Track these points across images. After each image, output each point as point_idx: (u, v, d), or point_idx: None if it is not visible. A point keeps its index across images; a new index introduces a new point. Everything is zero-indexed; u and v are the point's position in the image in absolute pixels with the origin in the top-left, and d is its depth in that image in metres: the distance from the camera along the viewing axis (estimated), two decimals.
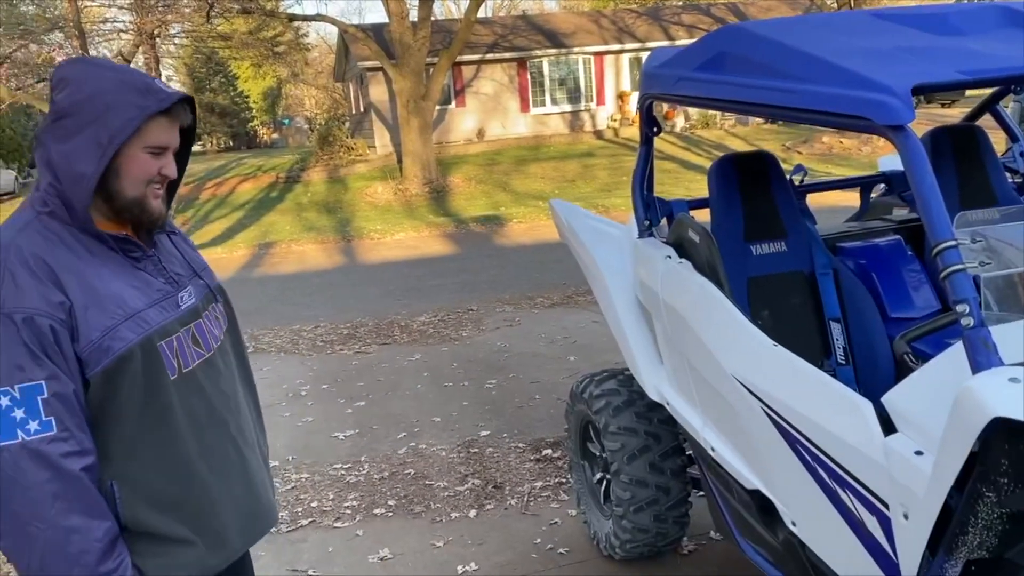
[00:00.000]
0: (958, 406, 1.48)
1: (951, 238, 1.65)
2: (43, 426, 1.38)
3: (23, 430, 1.36)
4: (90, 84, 1.50)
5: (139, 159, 1.53)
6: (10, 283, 1.41)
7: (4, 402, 1.36)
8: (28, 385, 1.37)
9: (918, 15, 2.38)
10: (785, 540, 2.26)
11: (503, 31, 24.89)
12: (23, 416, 1.36)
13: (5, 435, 1.35)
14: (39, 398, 1.38)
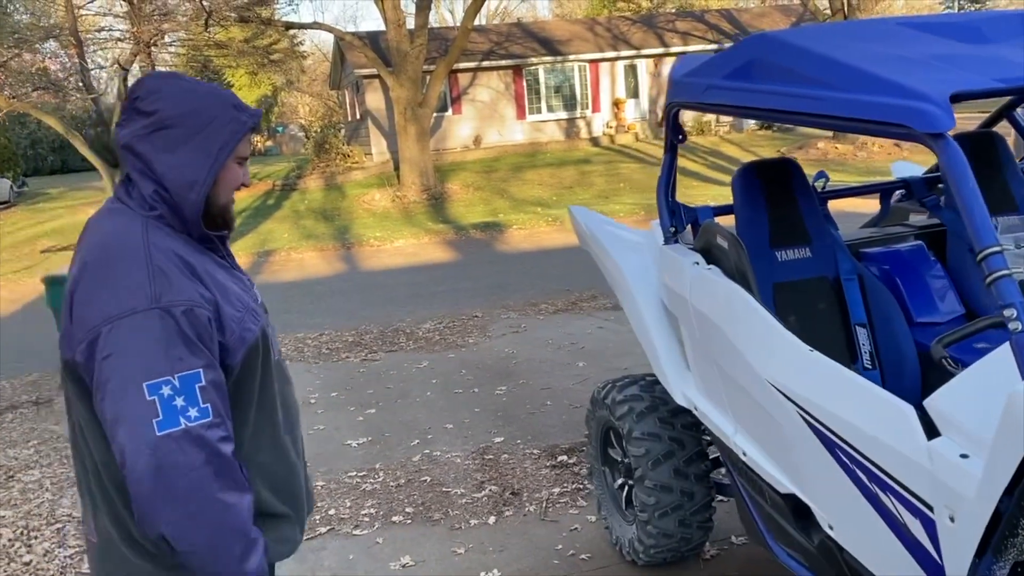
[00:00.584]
0: (1012, 409, 1.50)
1: (996, 243, 1.67)
2: (201, 413, 1.44)
3: (184, 417, 1.43)
4: (190, 97, 1.58)
5: (231, 168, 1.64)
6: (163, 279, 1.47)
7: (166, 391, 1.42)
8: (187, 374, 1.44)
9: (944, 23, 2.41)
10: (821, 543, 2.28)
11: (499, 39, 24.96)
12: (183, 404, 1.43)
13: (169, 423, 1.41)
14: (197, 386, 1.45)
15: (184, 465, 1.42)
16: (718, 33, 25.95)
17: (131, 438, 1.40)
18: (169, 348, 1.43)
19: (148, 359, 1.42)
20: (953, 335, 1.98)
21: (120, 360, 1.42)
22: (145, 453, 1.40)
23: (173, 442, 1.41)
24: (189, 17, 17.78)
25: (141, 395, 1.41)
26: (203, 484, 1.43)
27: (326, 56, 35.74)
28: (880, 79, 1.93)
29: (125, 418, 1.41)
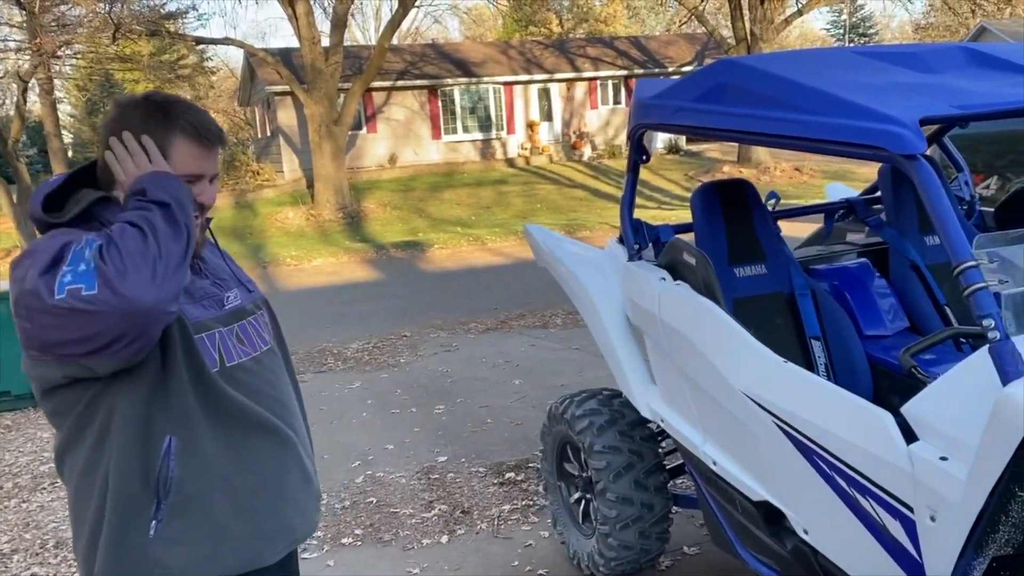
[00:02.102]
0: (998, 413, 1.60)
1: (972, 258, 1.79)
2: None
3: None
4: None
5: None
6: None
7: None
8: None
9: (895, 53, 2.57)
10: (795, 548, 2.36)
11: (413, 59, 24.97)
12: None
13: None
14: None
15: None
16: (627, 60, 26.65)
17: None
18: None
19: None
20: (919, 345, 2.09)
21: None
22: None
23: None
24: (95, 28, 17.13)
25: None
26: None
27: (233, 72, 35.00)
28: (855, 104, 2.05)
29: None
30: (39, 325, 1.40)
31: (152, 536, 1.56)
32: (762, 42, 20.18)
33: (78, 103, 36.66)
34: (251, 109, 28.33)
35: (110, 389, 1.53)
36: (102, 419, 1.55)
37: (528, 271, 10.74)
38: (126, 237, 1.41)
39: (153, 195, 1.49)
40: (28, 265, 1.41)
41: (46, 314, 1.37)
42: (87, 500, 1.59)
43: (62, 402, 1.57)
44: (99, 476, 1.57)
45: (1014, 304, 1.80)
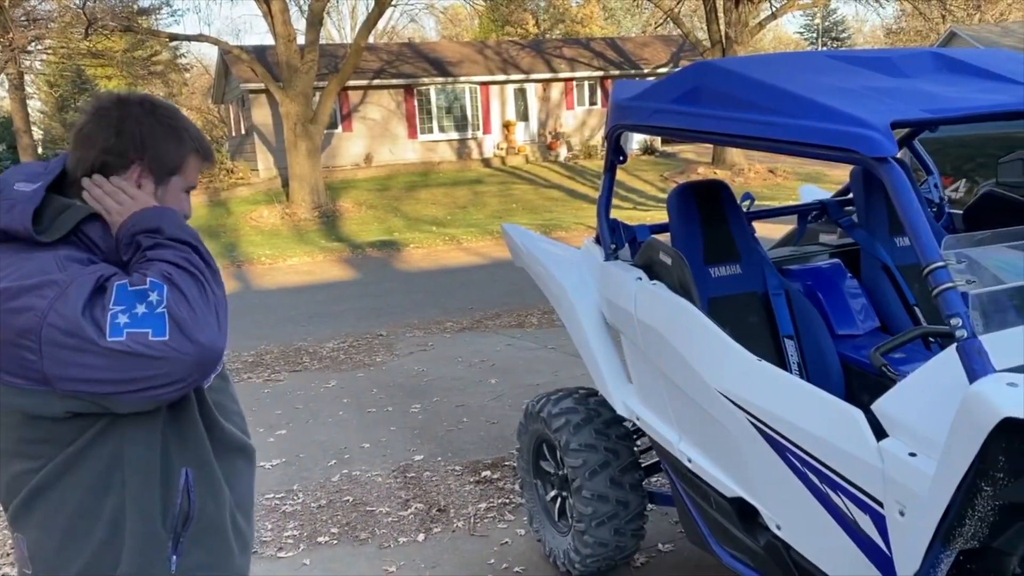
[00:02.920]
0: (965, 410, 1.65)
1: (940, 259, 1.83)
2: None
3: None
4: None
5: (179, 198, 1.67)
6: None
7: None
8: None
9: (867, 58, 2.62)
10: (768, 544, 2.40)
11: (389, 58, 24.91)
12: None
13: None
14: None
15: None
16: (603, 61, 26.76)
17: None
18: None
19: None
20: (889, 344, 2.14)
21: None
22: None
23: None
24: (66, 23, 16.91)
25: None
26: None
27: (207, 69, 34.69)
28: (828, 108, 2.09)
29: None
30: (70, 362, 1.33)
31: (175, 572, 1.53)
32: (737, 45, 20.36)
33: (49, 99, 36.17)
34: (225, 107, 28.10)
35: (120, 424, 1.46)
36: (110, 455, 1.47)
37: (504, 271, 10.79)
38: (185, 282, 1.40)
39: (173, 234, 1.48)
40: (52, 297, 1.34)
41: (92, 354, 1.32)
42: (84, 540, 1.49)
43: (57, 433, 1.45)
44: (104, 515, 1.48)
45: (981, 304, 1.85)
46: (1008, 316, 1.96)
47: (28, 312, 1.34)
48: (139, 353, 1.32)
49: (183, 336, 1.34)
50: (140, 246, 1.47)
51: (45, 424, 1.44)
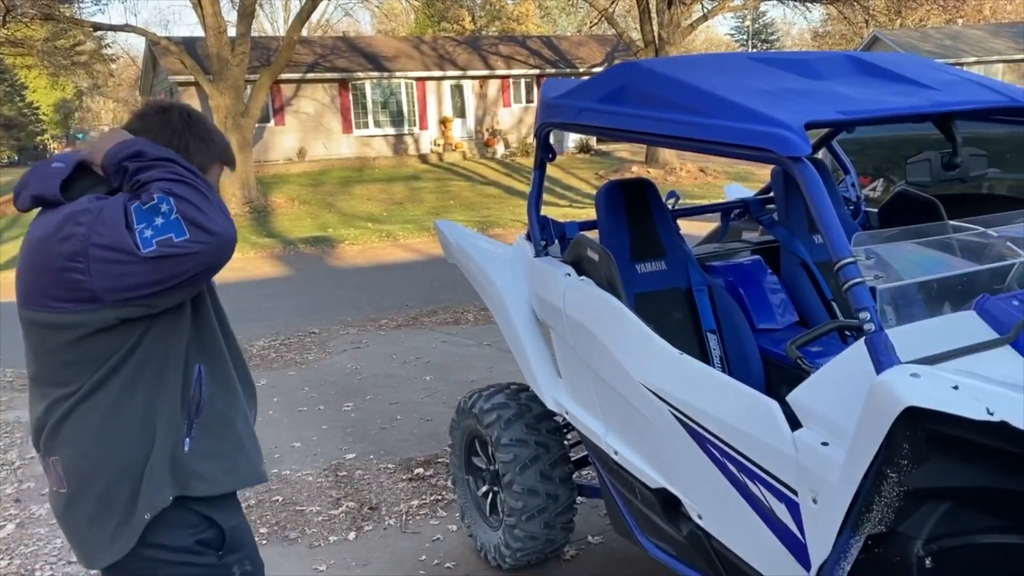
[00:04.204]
0: (872, 400, 1.72)
1: (850, 255, 1.91)
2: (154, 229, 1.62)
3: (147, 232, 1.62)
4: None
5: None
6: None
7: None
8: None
9: (786, 60, 2.70)
10: (690, 533, 2.46)
11: (323, 51, 24.61)
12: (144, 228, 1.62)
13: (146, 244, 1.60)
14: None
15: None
16: (539, 59, 26.89)
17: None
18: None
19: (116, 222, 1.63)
20: (805, 337, 2.21)
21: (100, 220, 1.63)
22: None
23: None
24: None
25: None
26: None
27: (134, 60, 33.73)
28: (746, 108, 2.15)
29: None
30: (119, 274, 1.59)
31: (187, 452, 1.78)
32: (669, 45, 20.68)
33: None
34: (153, 99, 27.36)
35: (156, 327, 1.72)
36: (143, 352, 1.72)
37: (441, 267, 10.75)
38: (183, 190, 1.62)
39: (155, 154, 1.70)
40: (89, 221, 1.59)
41: (135, 263, 1.57)
42: (116, 438, 1.73)
43: (106, 344, 1.69)
44: (137, 409, 1.73)
45: (889, 298, 1.93)
46: (915, 310, 2.05)
47: (72, 238, 1.60)
48: (171, 255, 1.58)
49: (200, 230, 1.59)
50: (127, 171, 1.69)
51: (91, 341, 1.67)
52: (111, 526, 1.75)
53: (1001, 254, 2.29)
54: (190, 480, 1.78)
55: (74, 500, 1.76)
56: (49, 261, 1.63)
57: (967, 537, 1.89)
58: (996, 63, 29.37)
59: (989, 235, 2.34)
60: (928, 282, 2.09)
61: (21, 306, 1.74)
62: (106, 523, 1.75)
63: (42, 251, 1.66)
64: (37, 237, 1.69)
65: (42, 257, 1.66)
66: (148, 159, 1.69)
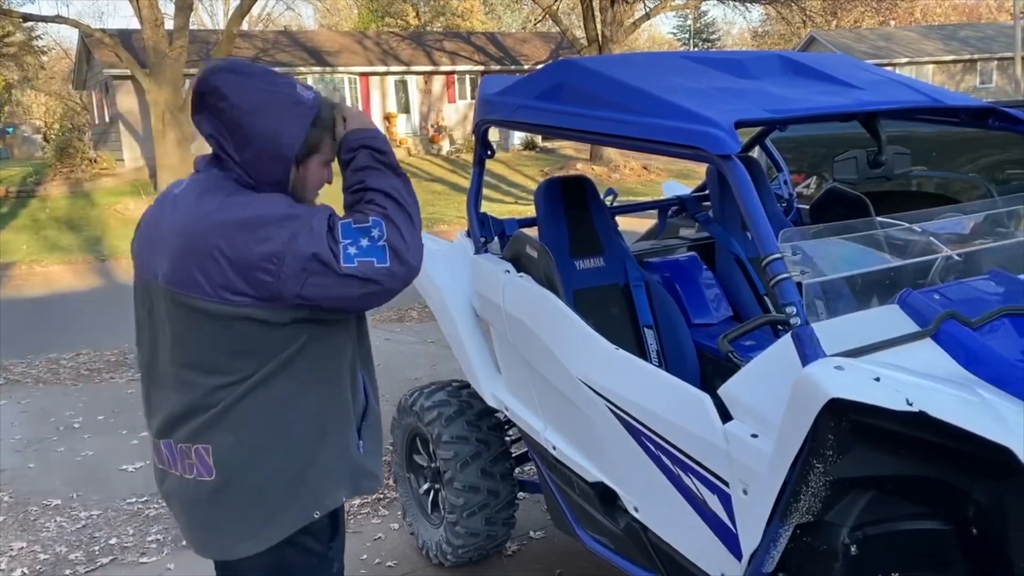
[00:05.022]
0: (797, 392, 1.76)
1: (777, 251, 1.95)
2: (359, 249, 1.69)
3: (351, 252, 1.68)
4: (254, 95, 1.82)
5: (315, 169, 1.86)
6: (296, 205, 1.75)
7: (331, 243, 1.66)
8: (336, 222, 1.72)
9: (719, 59, 2.75)
10: (627, 526, 2.49)
11: (264, 45, 24.23)
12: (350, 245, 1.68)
13: (348, 260, 1.66)
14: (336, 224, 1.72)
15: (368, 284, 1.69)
16: (484, 55, 26.87)
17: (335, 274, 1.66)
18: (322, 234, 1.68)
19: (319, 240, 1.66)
20: (736, 332, 2.25)
21: (302, 241, 1.65)
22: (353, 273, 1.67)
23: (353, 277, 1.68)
24: None
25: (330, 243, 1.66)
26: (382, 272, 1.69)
27: (67, 53, 32.74)
28: (679, 107, 2.18)
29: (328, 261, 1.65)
30: (311, 283, 1.64)
31: (362, 453, 1.91)
32: (613, 43, 20.85)
33: None
34: (88, 93, 26.62)
35: (325, 327, 1.79)
36: (313, 353, 1.78)
37: None
38: (400, 216, 1.72)
39: (393, 163, 1.81)
40: (296, 229, 1.64)
41: (332, 276, 1.64)
42: (285, 437, 1.77)
43: (277, 338, 1.72)
44: (311, 405, 1.79)
45: (815, 293, 1.98)
46: (841, 304, 2.11)
47: (273, 240, 1.63)
48: (367, 277, 1.65)
49: (400, 262, 1.67)
50: (357, 158, 1.80)
51: (262, 333, 1.70)
52: (258, 518, 1.78)
53: (926, 249, 2.37)
54: (362, 480, 1.91)
55: (223, 489, 1.76)
56: (237, 254, 1.64)
57: (890, 524, 1.95)
58: (927, 64, 30.33)
59: (914, 231, 2.41)
60: (853, 277, 2.15)
61: (171, 288, 1.70)
62: (254, 515, 1.78)
63: (216, 238, 1.65)
64: (195, 220, 1.69)
65: (213, 244, 1.65)
66: (386, 159, 1.80)
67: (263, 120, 1.74)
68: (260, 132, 1.73)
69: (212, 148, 1.80)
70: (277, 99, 1.76)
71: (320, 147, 1.83)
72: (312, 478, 1.80)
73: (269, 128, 1.74)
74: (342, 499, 1.88)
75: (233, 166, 1.76)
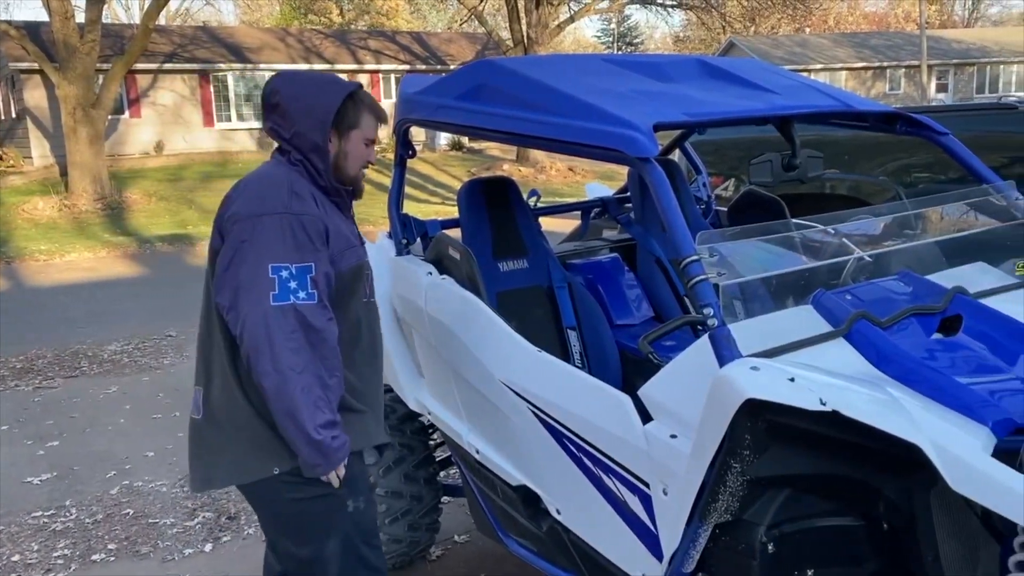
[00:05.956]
0: (714, 392, 1.78)
1: (694, 253, 1.96)
2: (308, 296, 1.92)
3: (294, 296, 1.90)
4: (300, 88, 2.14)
5: (358, 145, 2.14)
6: (296, 198, 1.98)
7: (284, 274, 1.89)
8: (302, 265, 1.92)
9: (638, 62, 2.77)
10: (550, 529, 2.48)
11: (183, 41, 23.53)
12: (295, 287, 1.90)
13: (281, 297, 1.88)
14: (308, 276, 1.93)
15: (286, 328, 1.87)
16: (409, 55, 26.67)
17: (251, 303, 1.87)
18: (292, 243, 1.91)
19: (275, 248, 1.90)
20: (656, 333, 2.27)
21: (254, 244, 1.90)
22: (259, 315, 1.86)
23: (280, 312, 1.87)
24: None
25: (266, 273, 1.88)
26: (298, 349, 1.88)
27: None
28: (598, 109, 2.18)
29: (249, 288, 1.88)
30: (229, 266, 1.98)
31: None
32: (538, 45, 20.93)
33: None
34: None
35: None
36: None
37: None
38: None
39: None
40: (274, 224, 1.97)
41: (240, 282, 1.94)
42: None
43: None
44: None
45: (731, 294, 2.00)
46: (756, 304, 2.14)
47: (252, 208, 1.99)
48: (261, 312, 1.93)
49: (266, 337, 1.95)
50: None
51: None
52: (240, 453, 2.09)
53: (838, 251, 2.42)
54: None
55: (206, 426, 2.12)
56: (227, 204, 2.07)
57: (806, 521, 1.99)
58: (840, 70, 31.38)
59: (828, 232, 2.47)
60: (769, 278, 2.18)
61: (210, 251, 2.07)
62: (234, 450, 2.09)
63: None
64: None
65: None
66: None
67: (304, 95, 2.04)
68: (301, 104, 2.03)
69: (275, 139, 2.11)
70: (317, 81, 2.09)
71: (360, 123, 2.09)
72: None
73: (307, 100, 2.03)
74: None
75: (286, 145, 2.07)
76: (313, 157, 2.06)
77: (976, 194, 2.55)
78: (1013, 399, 1.83)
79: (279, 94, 2.06)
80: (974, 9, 49.67)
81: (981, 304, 2.15)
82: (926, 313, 2.09)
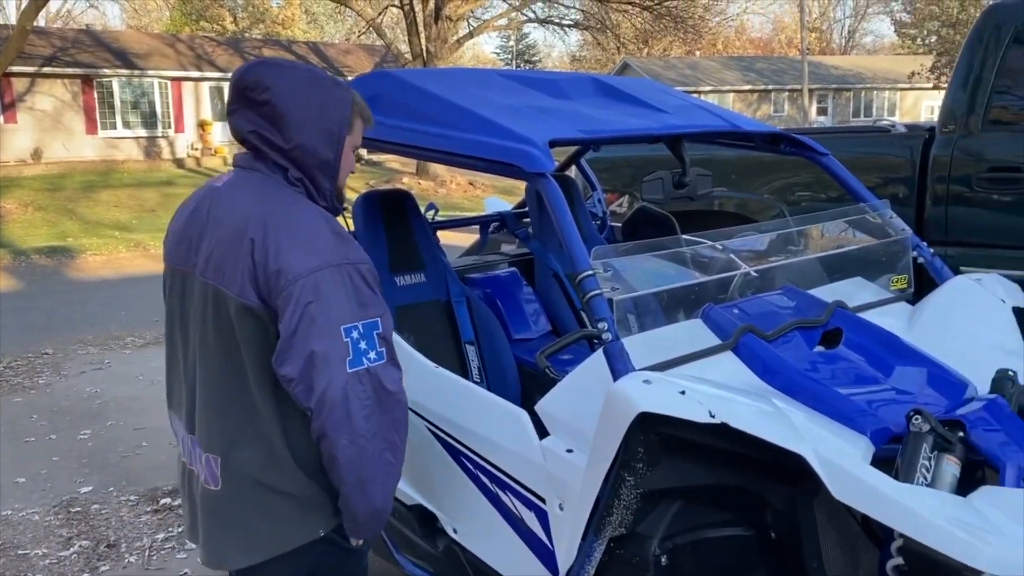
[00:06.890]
0: (608, 406, 1.79)
1: (590, 268, 1.98)
2: (378, 355, 1.67)
3: (367, 358, 1.65)
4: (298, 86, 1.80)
5: (348, 155, 1.83)
6: (343, 241, 1.71)
7: (355, 335, 1.64)
8: (368, 322, 1.67)
9: (535, 79, 2.79)
10: (446, 548, 2.45)
11: (64, 44, 22.47)
12: (366, 347, 1.65)
13: (356, 362, 1.63)
14: (375, 332, 1.67)
15: (362, 396, 1.64)
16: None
17: (331, 375, 1.61)
18: (356, 299, 1.66)
19: (344, 306, 1.64)
20: (553, 347, 2.27)
21: (322, 305, 1.62)
22: (339, 387, 1.61)
23: (356, 378, 1.63)
24: None
25: (340, 337, 1.62)
26: (369, 416, 1.65)
27: None
28: (495, 124, 2.18)
29: (326, 358, 1.61)
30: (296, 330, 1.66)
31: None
32: (437, 60, 20.94)
33: None
34: None
35: None
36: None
37: None
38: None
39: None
40: (335, 277, 1.69)
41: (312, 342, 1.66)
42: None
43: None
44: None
45: (625, 308, 2.03)
46: (649, 318, 2.17)
47: (309, 261, 1.66)
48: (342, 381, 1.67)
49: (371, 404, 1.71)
50: None
51: (265, 340, 1.72)
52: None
53: (726, 266, 2.49)
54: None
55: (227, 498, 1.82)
56: (264, 252, 1.64)
57: (697, 532, 2.02)
58: (728, 92, 32.67)
59: (716, 248, 2.53)
60: (661, 292, 2.22)
61: (204, 279, 1.71)
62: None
63: (255, 232, 1.66)
64: (236, 212, 1.70)
65: (250, 238, 1.65)
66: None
67: (310, 101, 1.73)
68: (309, 113, 1.72)
69: (252, 145, 1.77)
70: (318, 81, 1.76)
71: (353, 130, 1.83)
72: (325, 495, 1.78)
73: (315, 107, 1.73)
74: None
75: (279, 158, 1.75)
76: (319, 176, 1.77)
77: (854, 212, 2.67)
78: (889, 409, 1.92)
79: (269, 90, 1.71)
80: (850, 38, 52.66)
81: (859, 318, 2.24)
82: (809, 327, 2.17)
